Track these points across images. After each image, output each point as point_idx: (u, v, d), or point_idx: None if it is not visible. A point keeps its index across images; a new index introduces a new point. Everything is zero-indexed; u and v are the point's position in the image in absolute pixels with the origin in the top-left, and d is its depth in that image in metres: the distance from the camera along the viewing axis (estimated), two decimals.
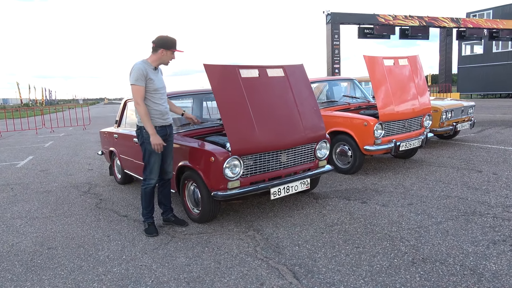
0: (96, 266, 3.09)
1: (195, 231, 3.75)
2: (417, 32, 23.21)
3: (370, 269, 2.77)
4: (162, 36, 3.60)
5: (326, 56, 22.02)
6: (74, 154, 9.38)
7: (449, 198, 4.25)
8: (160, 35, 3.61)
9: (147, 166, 3.72)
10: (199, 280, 2.77)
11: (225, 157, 3.56)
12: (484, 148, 6.99)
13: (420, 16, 23.16)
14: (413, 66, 5.79)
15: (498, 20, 25.80)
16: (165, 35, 3.61)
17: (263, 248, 3.25)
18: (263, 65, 4.16)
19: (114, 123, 5.98)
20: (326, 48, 21.95)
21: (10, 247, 3.60)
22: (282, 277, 2.74)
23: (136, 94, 3.52)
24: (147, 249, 3.38)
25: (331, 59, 21.62)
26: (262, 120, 3.82)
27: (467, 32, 24.38)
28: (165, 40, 3.57)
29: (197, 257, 3.15)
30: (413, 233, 3.37)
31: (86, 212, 4.55)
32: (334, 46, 21.61)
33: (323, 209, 4.14)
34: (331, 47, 21.54)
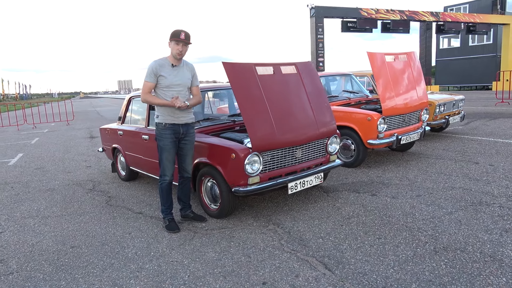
0: (127, 263, 3.13)
1: (215, 226, 3.82)
2: (398, 26, 23.65)
3: (396, 259, 2.92)
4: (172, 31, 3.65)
5: (310, 50, 22.20)
6: (66, 151, 9.24)
7: (454, 189, 4.45)
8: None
9: (160, 163, 3.79)
10: (234, 273, 2.85)
11: (246, 154, 3.63)
12: (475, 140, 7.30)
13: (401, 10, 23.60)
14: (411, 61, 5.98)
15: (475, 14, 26.56)
16: (174, 30, 3.64)
17: (288, 242, 3.35)
18: (276, 63, 4.24)
19: (118, 119, 5.95)
20: (310, 42, 22.13)
21: (32, 247, 3.58)
22: (314, 268, 2.86)
23: (144, 88, 3.67)
24: (173, 245, 3.43)
25: (315, 52, 21.81)
26: (279, 117, 3.91)
27: (446, 26, 25.03)
28: (171, 33, 3.62)
29: (225, 251, 3.23)
30: (428, 223, 3.54)
31: (99, 210, 4.55)
32: (318, 40, 21.80)
33: (336, 202, 4.28)
34: (315, 41, 21.73)
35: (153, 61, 3.66)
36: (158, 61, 3.64)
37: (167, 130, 3.70)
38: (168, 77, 3.63)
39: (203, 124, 4.51)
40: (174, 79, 3.66)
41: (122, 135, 5.58)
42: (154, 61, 3.66)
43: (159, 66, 3.60)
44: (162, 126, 3.70)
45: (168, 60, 3.66)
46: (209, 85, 5.72)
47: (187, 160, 3.90)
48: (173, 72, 3.66)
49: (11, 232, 3.99)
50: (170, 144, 3.74)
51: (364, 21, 22.65)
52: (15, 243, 3.70)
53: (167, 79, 3.62)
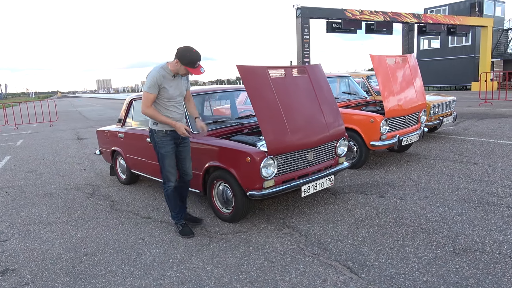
0: (147, 270, 3.06)
1: (230, 230, 3.79)
2: (382, 27, 24.00)
3: (419, 261, 2.96)
4: (185, 48, 3.44)
5: (296, 50, 22.29)
6: (55, 153, 9.00)
7: (459, 190, 4.55)
8: (185, 46, 3.46)
9: (163, 170, 3.74)
10: (261, 279, 2.83)
11: (261, 157, 3.61)
12: (468, 140, 7.47)
13: (385, 12, 23.95)
14: (410, 64, 6.08)
15: (455, 16, 27.21)
16: (189, 49, 3.43)
17: (307, 245, 3.35)
18: (287, 66, 4.24)
19: (117, 121, 5.83)
20: (296, 42, 22.22)
21: (42, 255, 3.47)
22: (340, 272, 2.86)
23: (145, 100, 3.52)
24: (190, 251, 3.38)
25: (301, 53, 21.91)
26: (292, 120, 3.91)
27: (427, 27, 25.54)
28: (183, 54, 3.41)
29: (246, 256, 3.21)
30: (442, 224, 3.60)
31: (105, 215, 4.45)
32: (304, 40, 21.90)
33: (346, 205, 4.31)
34: (301, 41, 21.83)
35: (155, 71, 3.49)
36: (161, 72, 3.49)
37: (167, 136, 3.66)
38: (170, 89, 3.56)
39: (211, 127, 4.46)
40: (175, 91, 3.60)
41: (123, 138, 5.47)
42: (156, 72, 3.49)
43: (162, 77, 3.49)
44: (162, 133, 3.65)
45: (169, 70, 3.53)
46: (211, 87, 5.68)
47: (187, 163, 3.88)
48: (174, 83, 3.59)
49: (17, 240, 3.85)
50: (172, 150, 3.71)
51: (348, 22, 22.87)
52: (23, 251, 3.58)
53: (169, 91, 3.56)
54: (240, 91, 5.73)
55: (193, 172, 4.25)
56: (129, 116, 5.54)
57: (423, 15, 25.60)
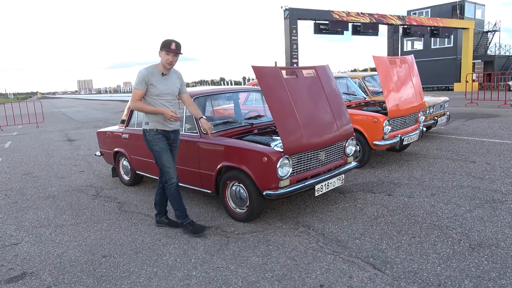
0: (171, 271, 3.06)
1: (245, 230, 3.81)
2: (368, 28, 24.35)
3: (439, 257, 3.04)
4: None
5: (284, 51, 22.42)
6: (48, 155, 8.84)
7: (463, 187, 4.68)
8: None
9: (163, 167, 3.78)
10: (287, 277, 2.87)
11: (278, 157, 3.65)
12: (462, 140, 7.67)
13: (371, 13, 24.32)
14: (410, 65, 6.21)
15: (438, 18, 27.82)
16: (164, 39, 3.65)
17: (326, 243, 3.40)
18: (298, 66, 4.29)
19: (120, 122, 5.77)
20: (284, 43, 22.35)
21: (59, 258, 3.42)
22: (364, 269, 2.92)
23: (133, 95, 3.66)
24: (210, 250, 3.40)
25: (290, 53, 22.05)
26: (305, 120, 3.96)
27: (411, 29, 26.02)
28: (161, 43, 3.62)
29: (268, 255, 3.24)
30: (454, 221, 3.70)
31: (115, 217, 4.41)
32: (292, 41, 22.05)
33: (356, 203, 4.38)
34: (290, 42, 21.97)
35: (143, 69, 3.65)
36: (149, 69, 3.64)
37: (158, 134, 3.73)
38: (158, 86, 3.64)
39: (222, 128, 4.47)
40: (164, 88, 3.68)
41: (128, 139, 5.43)
42: (145, 69, 3.65)
43: (150, 74, 3.61)
44: (154, 132, 3.72)
45: (158, 68, 3.67)
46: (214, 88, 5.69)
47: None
48: (163, 81, 3.67)
49: (29, 243, 3.79)
50: (165, 146, 3.76)
51: (335, 24, 23.13)
52: (38, 254, 3.52)
53: (157, 88, 3.63)
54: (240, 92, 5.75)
55: (205, 173, 4.28)
56: (133, 117, 5.50)
57: (407, 17, 26.10)
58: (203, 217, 4.23)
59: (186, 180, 4.56)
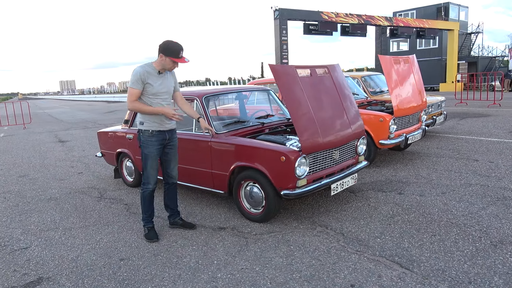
0: (195, 273, 2.99)
1: (262, 230, 3.76)
2: (356, 29, 24.57)
3: (463, 254, 3.05)
4: (166, 41, 3.52)
5: (274, 51, 22.43)
6: (42, 157, 8.63)
7: (472, 185, 4.73)
8: (165, 40, 3.54)
9: (144, 171, 3.70)
10: (316, 278, 2.83)
11: (296, 156, 3.62)
12: (461, 139, 7.78)
13: (359, 14, 24.54)
14: (412, 64, 6.26)
15: (424, 20, 28.25)
16: (170, 41, 3.51)
17: (347, 243, 3.38)
18: (310, 65, 4.27)
19: (123, 123, 5.65)
20: (274, 43, 22.36)
21: (74, 261, 3.32)
22: (391, 268, 2.91)
23: (130, 96, 3.53)
24: (231, 252, 3.34)
25: (280, 54, 22.08)
26: (321, 118, 3.94)
27: (399, 30, 26.36)
28: (166, 47, 3.48)
29: (291, 256, 3.20)
30: (470, 219, 3.73)
31: (124, 219, 4.31)
32: (282, 42, 22.09)
33: (368, 202, 4.38)
34: (280, 42, 22.00)
35: (139, 67, 3.53)
36: (145, 68, 3.52)
37: (153, 137, 3.62)
38: (155, 85, 3.54)
39: (233, 127, 4.41)
40: (160, 87, 3.58)
41: (133, 139, 5.32)
42: (140, 67, 3.52)
43: (146, 73, 3.49)
44: (148, 134, 3.62)
45: (154, 67, 3.55)
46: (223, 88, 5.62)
47: (171, 165, 3.86)
48: (159, 79, 3.58)
49: (39, 247, 3.66)
50: (156, 151, 3.67)
51: (325, 24, 23.27)
52: (51, 258, 3.40)
53: (154, 87, 3.54)
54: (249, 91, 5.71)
55: (218, 173, 4.22)
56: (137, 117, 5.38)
57: (394, 18, 26.42)
58: (216, 218, 4.17)
59: (197, 180, 4.49)
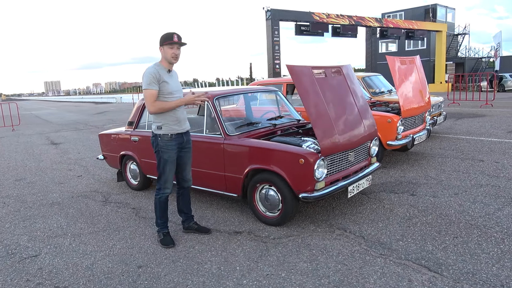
0: (220, 280, 2.90)
1: (280, 234, 3.69)
2: (347, 30, 24.73)
3: (489, 256, 3.02)
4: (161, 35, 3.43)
5: (266, 52, 22.40)
6: (36, 160, 8.40)
7: (483, 186, 4.73)
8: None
9: (162, 176, 3.58)
10: (346, 283, 2.77)
11: (315, 159, 3.55)
12: (462, 139, 7.83)
13: (350, 16, 24.69)
14: (417, 66, 6.27)
15: (413, 21, 28.57)
16: (162, 34, 3.43)
17: (370, 246, 3.33)
18: (324, 66, 4.21)
19: (127, 125, 5.51)
20: (266, 44, 22.33)
21: (89, 269, 3.19)
22: (420, 272, 2.86)
23: (148, 97, 3.35)
24: (252, 257, 3.25)
25: (272, 54, 22.06)
26: (338, 120, 3.89)
27: (388, 31, 26.61)
28: (161, 38, 3.40)
29: (315, 260, 3.13)
30: (488, 220, 3.72)
31: (135, 224, 4.19)
32: (275, 42, 22.08)
33: (383, 204, 4.34)
34: (272, 43, 21.98)
35: (150, 68, 3.40)
36: (155, 67, 3.40)
37: (172, 141, 3.51)
38: (170, 82, 3.43)
39: (246, 129, 4.33)
40: (175, 85, 3.49)
41: (138, 142, 5.19)
42: (151, 68, 3.39)
43: (159, 72, 3.37)
44: (168, 138, 3.49)
45: (163, 66, 3.44)
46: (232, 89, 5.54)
47: (187, 168, 3.76)
48: (171, 78, 3.48)
49: (49, 255, 3.52)
50: (175, 155, 3.56)
51: (316, 25, 23.36)
52: (64, 266, 3.27)
53: (170, 84, 3.42)
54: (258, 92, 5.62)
55: (231, 176, 4.13)
56: (143, 118, 5.26)
57: (384, 20, 26.66)
58: (230, 222, 4.08)
59: (208, 184, 4.39)
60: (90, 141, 10.94)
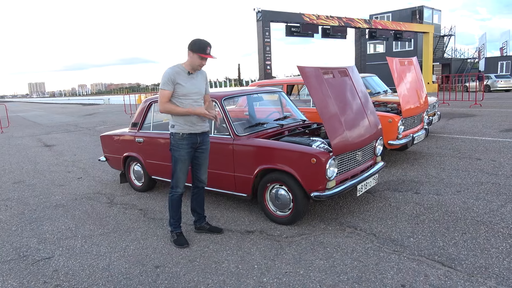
0: (240, 279, 2.94)
1: (292, 233, 3.74)
2: (337, 31, 24.96)
3: (499, 251, 3.13)
4: (195, 39, 3.48)
5: (257, 53, 22.47)
6: (32, 162, 8.30)
7: (484, 184, 4.86)
8: (194, 39, 3.49)
9: (174, 174, 3.63)
10: (364, 279, 2.84)
11: (327, 158, 3.62)
12: (456, 138, 8.01)
13: (339, 17, 24.93)
14: (415, 67, 6.40)
15: (401, 22, 28.97)
16: (198, 38, 3.48)
17: (382, 243, 3.41)
18: (331, 67, 4.29)
19: (131, 126, 5.50)
20: (257, 45, 22.39)
21: (106, 271, 3.19)
22: (434, 267, 2.95)
23: (161, 97, 3.47)
24: (268, 255, 3.30)
25: (263, 55, 22.14)
26: (347, 119, 3.96)
27: (377, 32, 26.95)
28: (193, 43, 3.44)
29: (331, 258, 3.19)
30: (494, 216, 3.83)
31: (145, 225, 4.20)
32: (265, 43, 22.16)
33: (389, 202, 4.43)
34: (263, 44, 22.06)
35: (168, 69, 3.49)
36: (174, 69, 3.47)
37: (184, 140, 3.56)
38: (185, 85, 3.49)
39: (254, 130, 4.37)
40: (191, 87, 3.53)
41: (143, 143, 5.19)
42: (170, 69, 3.49)
43: (176, 73, 3.45)
44: (179, 136, 3.55)
45: (184, 67, 3.50)
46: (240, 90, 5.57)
47: (202, 169, 3.80)
48: (189, 80, 3.53)
49: (63, 257, 3.51)
50: (186, 155, 3.60)
51: (306, 26, 23.53)
52: (80, 268, 3.27)
53: (185, 87, 3.48)
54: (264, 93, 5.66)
55: (241, 176, 4.16)
56: (148, 119, 5.26)
57: (373, 21, 26.99)
58: (241, 222, 4.12)
59: (217, 184, 4.42)
60: (84, 143, 10.84)
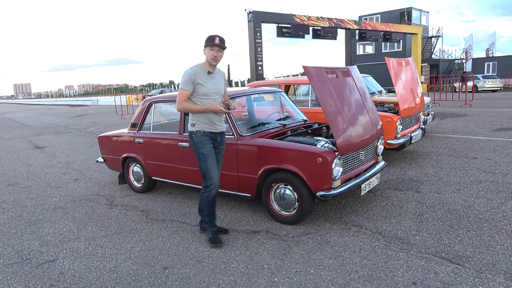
0: (251, 278, 2.93)
1: (298, 232, 3.75)
2: (327, 32, 25.06)
3: (505, 248, 3.18)
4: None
5: (249, 54, 22.45)
6: (25, 164, 8.17)
7: (482, 182, 4.94)
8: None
9: (206, 172, 3.62)
10: (375, 277, 2.85)
11: (333, 157, 3.64)
12: (450, 138, 8.12)
13: (330, 18, 25.06)
14: (411, 67, 6.47)
15: (390, 24, 29.25)
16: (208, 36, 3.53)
17: (389, 242, 3.43)
18: (333, 67, 4.31)
19: (131, 126, 5.46)
20: (248, 46, 22.38)
21: (114, 273, 3.16)
22: (443, 264, 2.98)
23: (179, 96, 3.52)
24: (277, 255, 3.30)
25: (254, 56, 22.13)
26: (351, 119, 3.99)
27: (367, 33, 27.16)
28: (205, 39, 3.50)
29: (339, 256, 3.21)
30: (496, 214, 3.89)
31: (149, 226, 4.16)
32: (257, 44, 22.15)
33: (391, 201, 4.47)
34: (254, 45, 22.05)
35: (189, 69, 3.53)
36: (194, 69, 3.52)
37: (206, 136, 3.59)
38: (206, 85, 3.52)
39: (257, 130, 4.37)
40: (212, 87, 3.56)
41: (143, 143, 5.15)
42: (190, 69, 3.53)
43: (196, 73, 3.49)
44: (201, 134, 3.57)
45: (203, 67, 3.54)
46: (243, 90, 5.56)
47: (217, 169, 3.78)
48: (210, 80, 3.56)
49: (67, 259, 3.46)
50: (212, 149, 3.62)
51: (297, 27, 23.58)
52: (87, 270, 3.22)
53: (205, 87, 3.51)
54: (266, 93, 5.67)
55: (245, 176, 4.16)
56: (148, 120, 5.22)
57: (363, 22, 27.20)
58: (245, 222, 4.11)
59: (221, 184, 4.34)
60: (76, 144, 10.71)
